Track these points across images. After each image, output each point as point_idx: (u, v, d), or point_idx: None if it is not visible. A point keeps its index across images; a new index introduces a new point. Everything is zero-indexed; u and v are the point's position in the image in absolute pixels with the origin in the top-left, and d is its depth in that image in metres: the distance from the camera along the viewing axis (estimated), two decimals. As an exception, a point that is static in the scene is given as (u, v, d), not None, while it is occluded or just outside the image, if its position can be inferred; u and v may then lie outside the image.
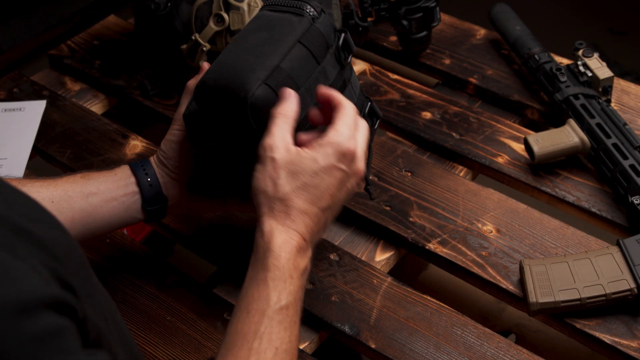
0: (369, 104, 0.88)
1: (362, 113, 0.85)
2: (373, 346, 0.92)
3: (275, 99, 0.75)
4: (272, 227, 0.68)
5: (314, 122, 0.77)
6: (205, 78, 0.79)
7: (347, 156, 0.72)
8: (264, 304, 0.66)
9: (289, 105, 0.73)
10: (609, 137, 1.06)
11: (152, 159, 0.91)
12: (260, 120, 0.76)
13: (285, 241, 0.68)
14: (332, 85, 0.80)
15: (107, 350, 0.56)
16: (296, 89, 0.76)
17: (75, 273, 0.55)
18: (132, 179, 0.89)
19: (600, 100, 1.12)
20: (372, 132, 0.87)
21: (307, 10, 0.80)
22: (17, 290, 0.47)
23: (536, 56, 1.21)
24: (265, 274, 0.67)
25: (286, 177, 0.69)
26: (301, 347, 0.92)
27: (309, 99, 0.77)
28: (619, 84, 1.26)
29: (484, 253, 1.00)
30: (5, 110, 1.24)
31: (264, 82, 0.75)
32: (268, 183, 0.69)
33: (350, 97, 0.83)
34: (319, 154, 0.70)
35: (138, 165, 0.90)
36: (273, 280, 0.67)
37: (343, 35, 0.81)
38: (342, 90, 0.82)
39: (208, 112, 0.81)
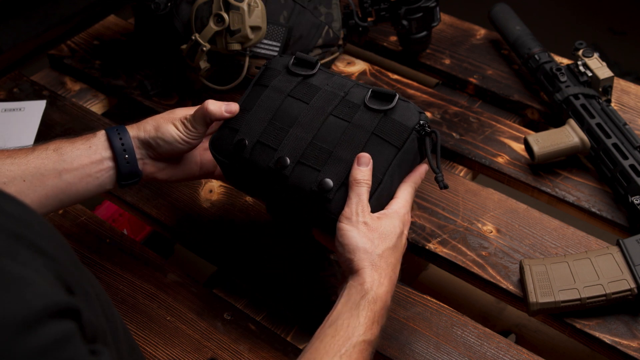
0: (420, 117, 0.87)
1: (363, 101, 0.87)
2: (373, 346, 0.92)
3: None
4: (373, 279, 0.79)
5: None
6: None
7: (407, 222, 0.87)
8: (352, 333, 0.76)
9: (368, 173, 0.83)
10: (609, 137, 1.06)
11: (132, 132, 0.88)
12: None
13: (384, 292, 0.80)
14: (294, 93, 0.89)
15: (103, 344, 0.56)
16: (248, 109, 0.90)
17: (71, 272, 0.54)
18: (108, 153, 0.87)
19: (600, 100, 1.12)
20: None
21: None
22: (22, 303, 0.46)
23: (536, 56, 1.21)
24: (359, 311, 0.77)
25: (379, 239, 0.81)
26: (301, 347, 0.92)
27: (262, 114, 0.88)
28: (619, 84, 1.26)
29: (484, 253, 1.00)
30: (5, 110, 1.24)
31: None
32: (366, 242, 0.81)
33: (322, 100, 0.88)
34: (395, 222, 0.84)
35: (116, 137, 0.87)
36: (365, 318, 0.77)
37: (294, 56, 0.92)
38: (313, 95, 0.89)
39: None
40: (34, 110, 1.24)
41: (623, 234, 1.04)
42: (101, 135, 0.88)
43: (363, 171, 0.83)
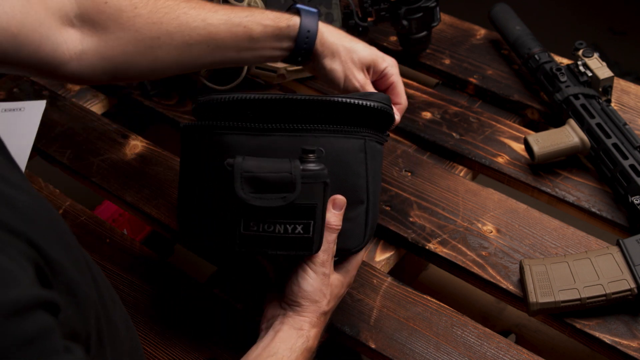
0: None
1: None
2: (373, 346, 0.92)
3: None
4: (315, 334, 0.82)
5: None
6: None
7: (351, 284, 0.90)
8: None
9: (341, 217, 0.83)
10: (609, 137, 1.06)
11: (320, 30, 0.93)
12: None
13: (316, 344, 0.83)
14: None
15: (83, 341, 0.57)
16: None
17: (59, 269, 0.55)
18: (290, 44, 0.93)
19: (600, 100, 1.12)
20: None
21: None
22: (11, 293, 0.48)
23: (536, 56, 1.21)
24: (297, 355, 0.80)
25: (330, 295, 0.83)
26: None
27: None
28: (619, 84, 1.26)
29: (484, 253, 1.00)
30: (5, 110, 1.24)
31: None
32: (320, 296, 0.82)
33: None
34: (345, 281, 0.87)
35: (304, 34, 0.92)
36: None
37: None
38: None
39: None
40: (34, 110, 1.24)
41: (623, 234, 1.04)
42: (294, 26, 0.92)
43: (337, 215, 0.82)
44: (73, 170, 1.15)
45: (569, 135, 1.09)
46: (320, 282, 0.82)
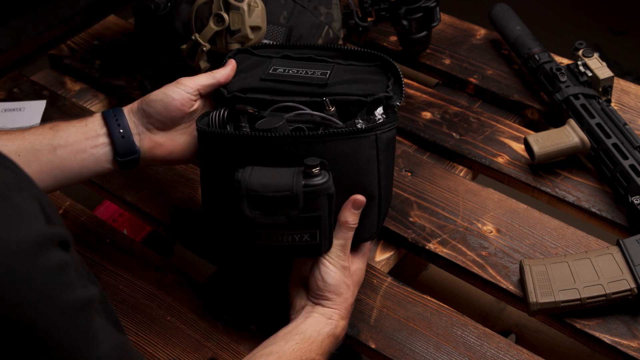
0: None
1: None
2: (373, 346, 0.92)
3: None
4: (343, 325, 0.86)
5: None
6: None
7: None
8: (314, 350, 0.82)
9: (358, 217, 0.86)
10: (609, 137, 1.06)
11: (128, 108, 0.89)
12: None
13: (343, 335, 0.87)
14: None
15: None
16: None
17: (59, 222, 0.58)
18: (103, 130, 0.87)
19: (600, 100, 1.12)
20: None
21: None
22: (32, 229, 0.52)
23: (536, 56, 1.21)
24: (323, 338, 0.83)
25: (353, 284, 0.87)
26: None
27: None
28: (619, 84, 1.26)
29: (484, 253, 1.00)
30: (5, 110, 1.24)
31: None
32: (345, 288, 0.86)
33: None
34: (364, 266, 0.90)
35: (110, 114, 0.88)
36: (326, 347, 0.84)
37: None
38: None
39: None
40: (34, 110, 1.24)
41: (623, 234, 1.04)
42: (97, 115, 0.89)
43: (355, 214, 0.86)
44: (73, 170, 1.15)
45: (569, 135, 1.09)
46: (342, 275, 0.85)
